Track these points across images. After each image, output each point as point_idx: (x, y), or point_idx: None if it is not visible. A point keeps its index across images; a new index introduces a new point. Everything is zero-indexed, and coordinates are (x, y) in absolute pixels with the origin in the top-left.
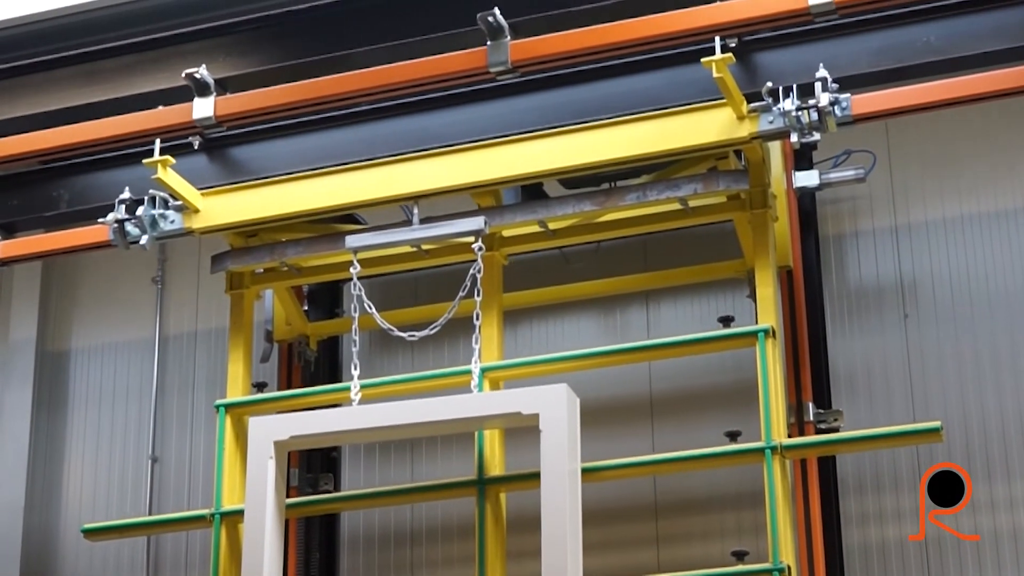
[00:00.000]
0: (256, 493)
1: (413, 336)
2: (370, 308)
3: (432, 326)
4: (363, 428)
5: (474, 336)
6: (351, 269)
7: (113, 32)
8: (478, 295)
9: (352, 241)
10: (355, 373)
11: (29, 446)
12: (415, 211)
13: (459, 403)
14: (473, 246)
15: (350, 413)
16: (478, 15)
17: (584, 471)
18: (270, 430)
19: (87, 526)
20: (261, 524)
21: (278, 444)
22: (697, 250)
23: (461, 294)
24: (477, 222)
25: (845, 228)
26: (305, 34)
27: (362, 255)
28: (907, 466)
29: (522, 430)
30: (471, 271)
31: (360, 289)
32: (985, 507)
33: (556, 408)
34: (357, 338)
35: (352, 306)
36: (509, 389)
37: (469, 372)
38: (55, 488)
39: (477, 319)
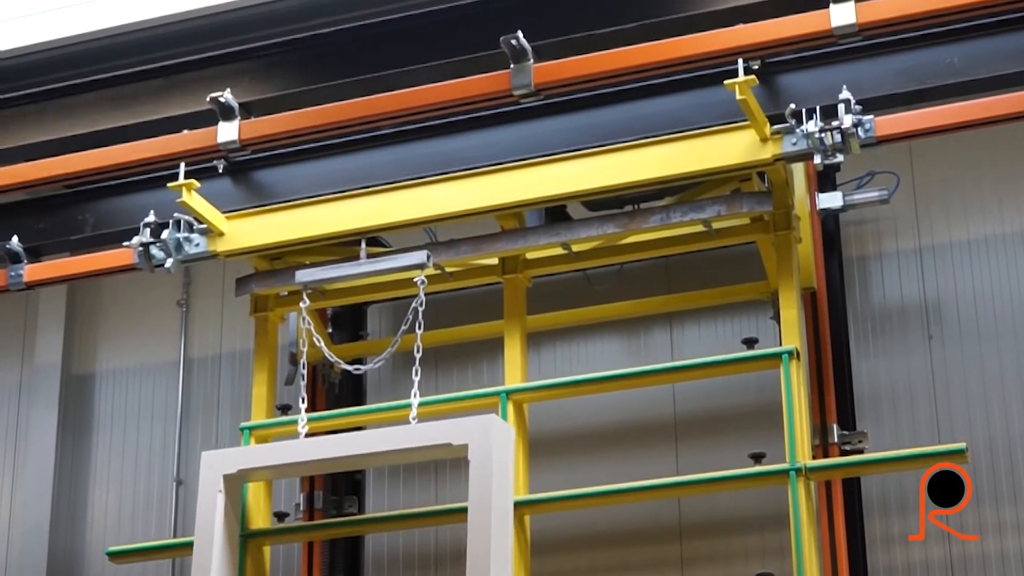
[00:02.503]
0: (205, 527)
1: (359, 369)
2: (319, 342)
3: (376, 360)
4: (305, 461)
5: (414, 368)
6: (300, 304)
7: (138, 56)
8: (419, 328)
9: (302, 276)
10: (302, 407)
11: (54, 469)
12: (362, 246)
13: (393, 435)
14: (415, 280)
15: (294, 447)
16: (501, 38)
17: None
18: (219, 464)
19: (112, 549)
20: (208, 558)
21: (227, 478)
22: (720, 272)
23: (404, 327)
24: (420, 256)
25: (869, 249)
26: (329, 58)
27: (386, 279)
28: None
29: (548, 452)
30: (413, 304)
31: (309, 323)
32: (1012, 528)
33: (484, 438)
34: (305, 372)
35: (300, 340)
36: (441, 421)
37: (408, 406)
38: (80, 511)
39: (418, 351)
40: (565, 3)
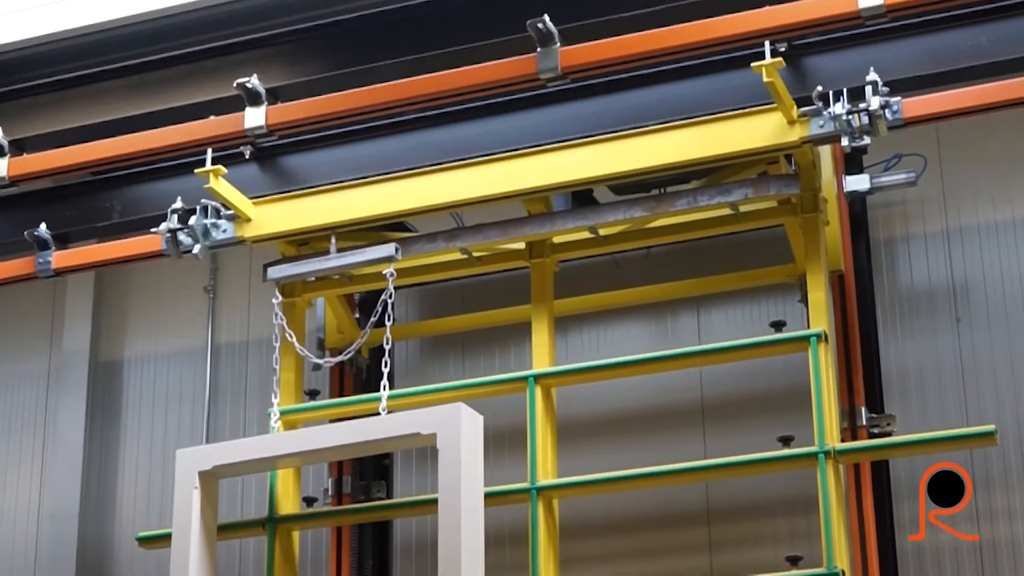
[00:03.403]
0: (182, 523)
1: (329, 362)
2: (291, 337)
3: (345, 351)
4: (278, 455)
5: (383, 360)
6: (273, 300)
7: (165, 43)
8: (389, 320)
9: (273, 272)
10: (275, 401)
11: (83, 455)
12: (332, 244)
13: (364, 426)
14: (384, 272)
15: (266, 442)
16: (528, 22)
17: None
18: (194, 461)
19: (142, 534)
20: (186, 553)
21: (202, 474)
22: (748, 255)
23: (373, 319)
24: (388, 249)
25: (896, 232)
26: (355, 43)
27: (411, 263)
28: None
29: (576, 436)
30: (383, 296)
31: (282, 319)
32: None
33: (452, 427)
34: (279, 367)
35: (274, 335)
36: (410, 411)
37: (379, 399)
38: (109, 497)
39: (387, 343)
40: None
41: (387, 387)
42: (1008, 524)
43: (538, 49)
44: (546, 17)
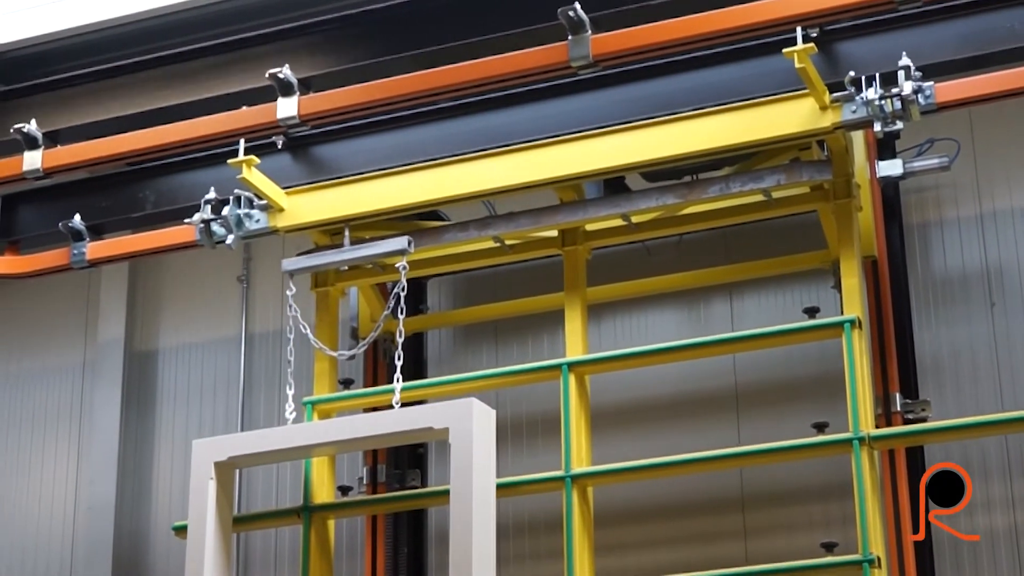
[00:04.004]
0: (198, 512)
1: (343, 355)
2: (305, 329)
3: (358, 346)
4: (293, 447)
5: (395, 354)
6: (287, 291)
7: (196, 34)
8: (401, 313)
9: (287, 264)
10: (290, 393)
11: (119, 446)
12: (346, 236)
13: (377, 420)
14: (397, 266)
15: (282, 433)
16: (559, 10)
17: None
18: (211, 452)
19: (178, 524)
20: (202, 542)
21: (218, 465)
22: (780, 241)
23: (386, 313)
24: (401, 242)
25: (930, 217)
26: (387, 32)
27: (442, 251)
28: (996, 455)
29: (610, 424)
30: (395, 290)
31: (296, 310)
32: None
33: (464, 422)
34: (292, 358)
35: (288, 326)
36: (422, 405)
37: (392, 391)
38: (145, 486)
39: (400, 336)
40: None
41: (400, 380)
42: None
43: (569, 37)
44: (577, 5)
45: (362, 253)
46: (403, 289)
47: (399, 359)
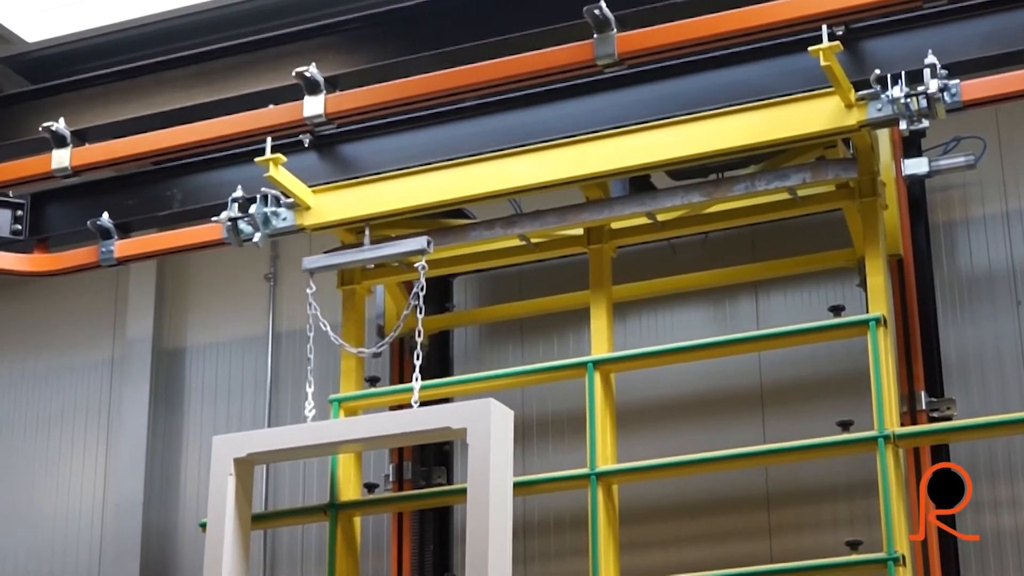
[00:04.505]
0: (217, 508)
1: (363, 352)
2: (325, 326)
3: (379, 344)
4: (312, 445)
5: (415, 353)
6: (307, 290)
7: (223, 32)
8: (420, 312)
9: (308, 263)
10: (309, 391)
11: (147, 442)
12: (366, 235)
13: (395, 419)
14: (417, 265)
15: (300, 431)
16: (584, 8)
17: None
18: (230, 448)
19: (205, 520)
20: (220, 538)
21: (238, 461)
22: (806, 239)
23: (405, 312)
24: (420, 242)
25: (955, 215)
26: (413, 31)
27: (468, 250)
28: (1022, 454)
29: (635, 422)
30: (415, 288)
31: (315, 308)
32: None
33: (482, 422)
34: (312, 356)
35: (308, 324)
36: (440, 405)
37: (409, 391)
38: (173, 483)
39: (419, 335)
40: None
41: (419, 379)
42: None
43: (595, 35)
44: (602, 3)
45: (381, 252)
46: (422, 288)
47: (418, 358)
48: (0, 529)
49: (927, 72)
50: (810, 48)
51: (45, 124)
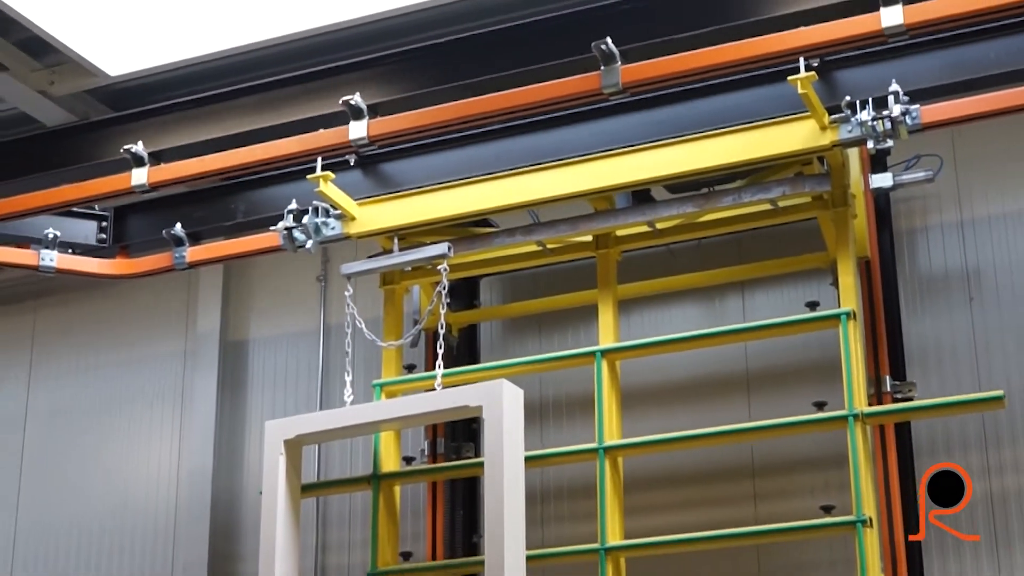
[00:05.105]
0: (270, 482)
1: (392, 345)
2: (360, 323)
3: (406, 336)
4: (350, 425)
5: (438, 343)
6: (345, 292)
7: (280, 66)
8: (444, 309)
9: (345, 269)
10: (348, 379)
11: (215, 421)
12: (395, 243)
13: (421, 400)
14: (439, 268)
15: (339, 414)
16: (592, 44)
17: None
18: (280, 431)
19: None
20: (274, 507)
21: (287, 442)
22: (786, 244)
23: (429, 307)
24: (442, 248)
25: (916, 223)
26: (444, 64)
27: (492, 254)
28: (974, 430)
29: (637, 403)
30: (438, 287)
31: (353, 307)
32: None
33: (495, 401)
34: (351, 349)
35: (346, 322)
36: (460, 387)
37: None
38: (237, 457)
39: (442, 328)
40: (648, 12)
41: (441, 366)
42: (1015, 477)
43: (602, 67)
44: (608, 39)
45: (409, 258)
46: (445, 288)
47: (442, 347)
48: (94, 495)
49: (891, 98)
50: (789, 78)
51: (126, 146)
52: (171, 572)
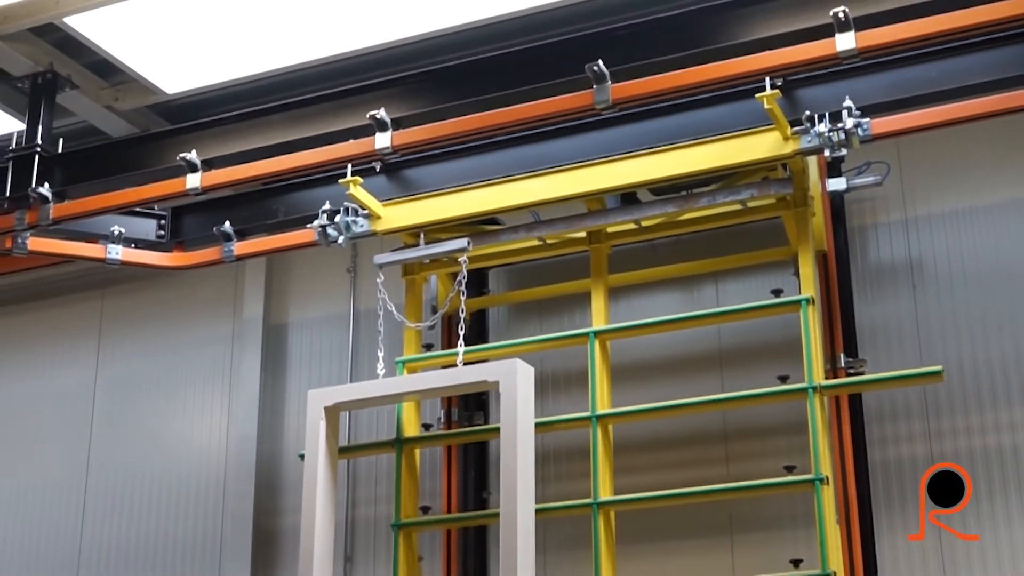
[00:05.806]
0: (312, 444)
1: (419, 326)
2: (391, 307)
3: (430, 320)
4: (382, 395)
5: (459, 326)
6: (377, 279)
7: (315, 85)
8: (463, 296)
9: (378, 259)
10: (380, 355)
11: (259, 395)
12: (421, 238)
13: (444, 375)
14: (459, 260)
15: (374, 385)
16: (586, 65)
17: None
18: (322, 399)
19: (302, 452)
20: (315, 465)
21: (327, 409)
22: (754, 240)
23: (450, 295)
24: (462, 242)
25: (867, 221)
26: (459, 83)
27: (500, 248)
28: (916, 400)
29: (625, 377)
30: (459, 277)
31: (384, 293)
32: (978, 431)
33: (511, 376)
34: (382, 329)
35: (379, 305)
36: (478, 364)
37: (455, 355)
38: (278, 426)
39: (462, 312)
40: (634, 38)
41: (463, 344)
42: (952, 441)
43: (594, 86)
44: (600, 62)
45: (434, 250)
46: (464, 277)
47: (462, 329)
48: (152, 461)
49: (845, 112)
50: (756, 95)
51: (181, 155)
52: (222, 522)
